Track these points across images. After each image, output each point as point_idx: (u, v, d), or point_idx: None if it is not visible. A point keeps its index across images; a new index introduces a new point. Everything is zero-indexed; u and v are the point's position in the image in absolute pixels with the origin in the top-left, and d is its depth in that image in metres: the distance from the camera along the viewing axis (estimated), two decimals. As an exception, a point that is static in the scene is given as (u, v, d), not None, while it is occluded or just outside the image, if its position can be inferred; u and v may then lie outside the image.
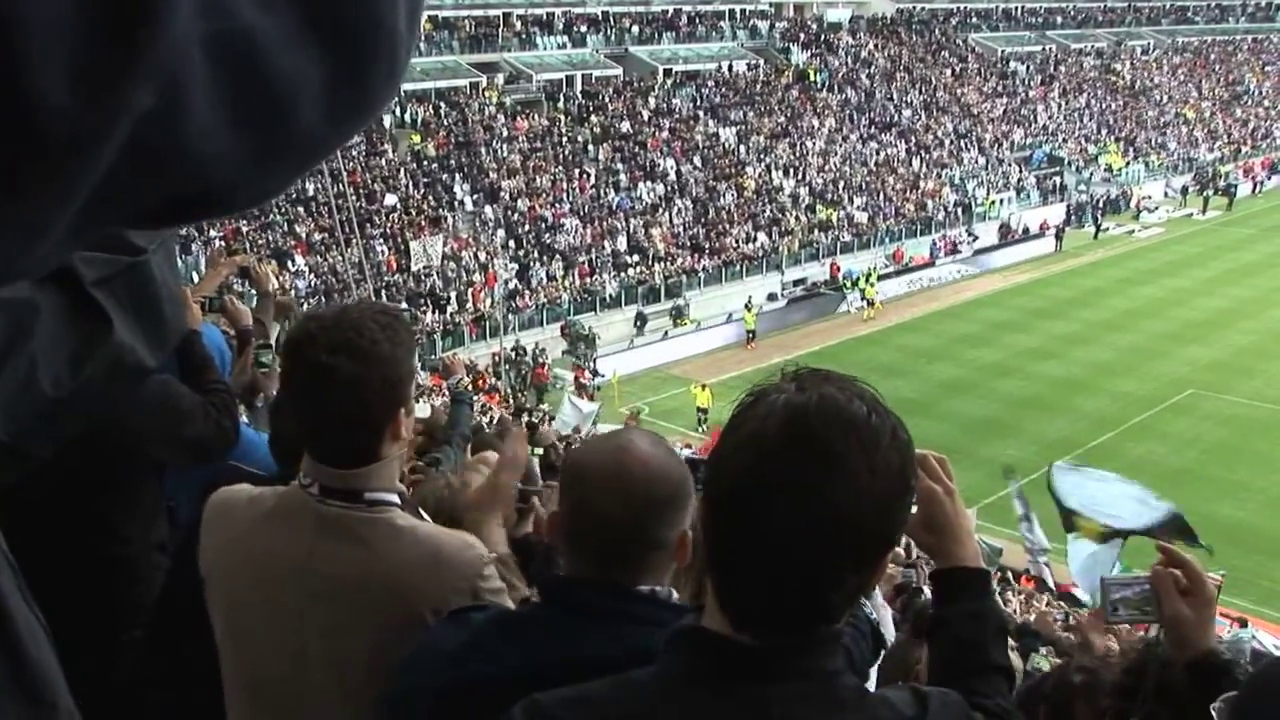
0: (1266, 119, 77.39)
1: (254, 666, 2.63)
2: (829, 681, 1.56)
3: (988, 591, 2.06)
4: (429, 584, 2.43)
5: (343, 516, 2.48)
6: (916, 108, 60.81)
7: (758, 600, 1.54)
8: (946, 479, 2.05)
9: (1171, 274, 49.12)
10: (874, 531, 1.51)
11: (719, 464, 1.55)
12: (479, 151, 43.98)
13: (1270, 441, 30.75)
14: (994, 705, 1.88)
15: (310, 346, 2.42)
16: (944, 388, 35.19)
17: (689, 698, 1.56)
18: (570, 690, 1.64)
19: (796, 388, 1.53)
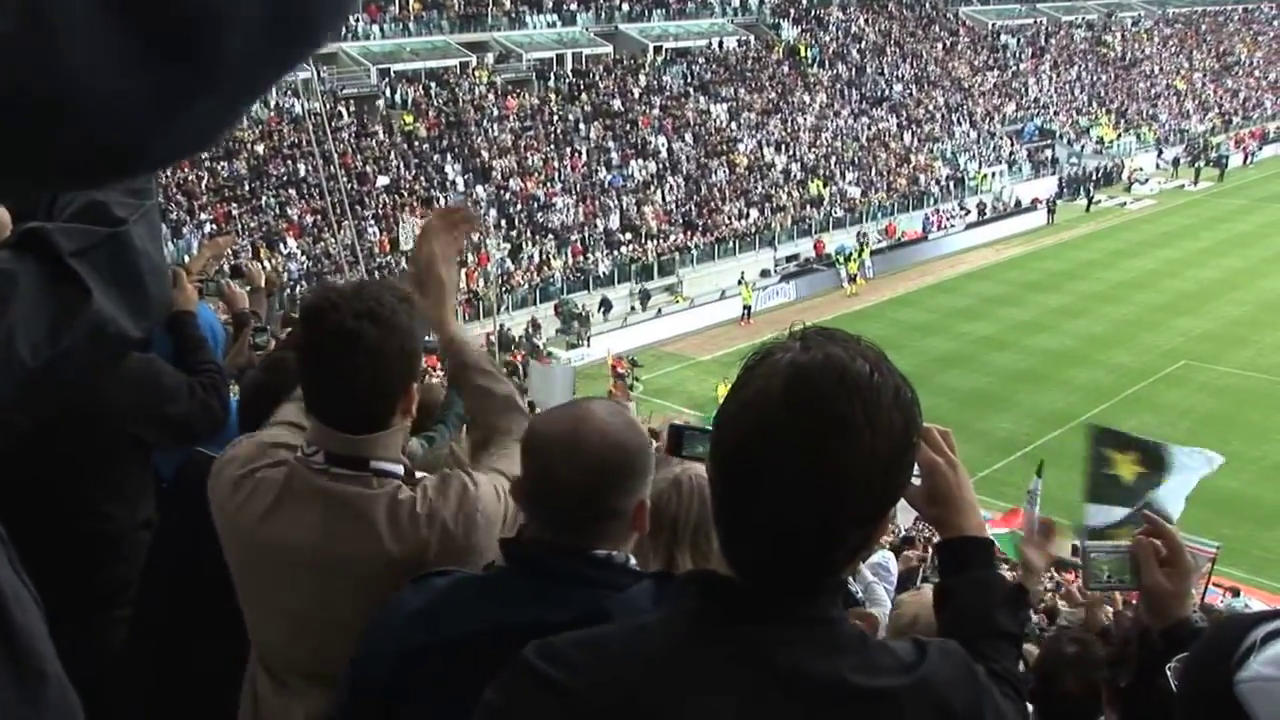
0: (1257, 89, 77.40)
1: (271, 642, 2.71)
2: (831, 627, 1.59)
3: (992, 560, 2.07)
4: (430, 555, 2.46)
5: (348, 490, 2.52)
6: (907, 82, 60.73)
7: (760, 555, 1.56)
8: (950, 451, 2.06)
9: (1163, 245, 49.23)
10: (876, 490, 1.53)
11: (724, 422, 1.57)
12: (470, 131, 43.89)
13: (1262, 411, 30.96)
14: (1001, 669, 1.89)
15: (334, 312, 2.48)
16: (938, 361, 35.23)
17: (695, 639, 1.59)
18: (581, 633, 1.67)
19: (801, 347, 1.54)
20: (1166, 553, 2.25)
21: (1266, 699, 1.48)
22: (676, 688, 1.55)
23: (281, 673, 2.68)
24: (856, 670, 1.56)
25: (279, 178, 38.27)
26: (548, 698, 1.59)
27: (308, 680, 2.61)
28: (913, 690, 1.58)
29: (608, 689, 1.58)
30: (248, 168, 37.97)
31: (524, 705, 1.62)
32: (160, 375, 3.82)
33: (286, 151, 38.91)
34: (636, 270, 42.76)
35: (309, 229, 36.72)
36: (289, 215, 37.24)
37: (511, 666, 1.65)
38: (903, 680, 1.58)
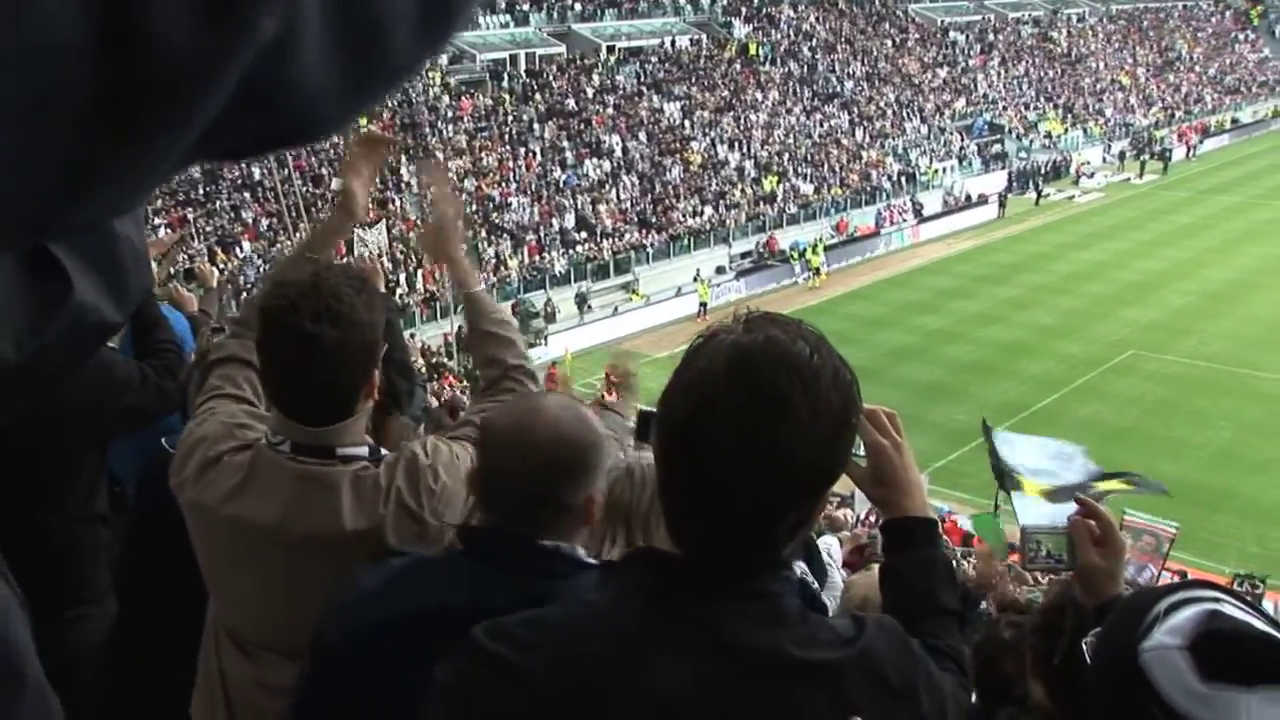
0: (1198, 84, 78.46)
1: (236, 618, 2.76)
2: (773, 601, 1.64)
3: (935, 540, 2.09)
4: (397, 533, 2.53)
5: (315, 473, 2.56)
6: (858, 79, 61.05)
7: (703, 532, 1.61)
8: (895, 433, 2.08)
9: (1111, 237, 49.79)
10: (816, 470, 1.58)
11: (669, 403, 1.61)
12: (424, 133, 43.78)
13: (1208, 398, 31.42)
14: (945, 645, 1.95)
15: (293, 315, 2.46)
16: (893, 354, 35.51)
17: (643, 615, 1.63)
18: (529, 613, 1.70)
19: (744, 329, 1.59)
20: (1100, 532, 2.31)
21: (1166, 666, 1.54)
22: (628, 662, 1.58)
23: (249, 645, 2.71)
24: (796, 643, 1.61)
25: (233, 181, 38.04)
26: (499, 677, 1.62)
27: (277, 653, 2.65)
28: (850, 663, 1.64)
29: (559, 665, 1.60)
30: (201, 171, 37.71)
31: (476, 685, 1.64)
32: (111, 367, 3.72)
33: (241, 154, 38.72)
34: (593, 269, 42.83)
35: (264, 232, 36.60)
36: (244, 218, 37.08)
37: (461, 648, 1.67)
38: (841, 653, 1.64)
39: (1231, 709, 1.47)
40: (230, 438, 2.68)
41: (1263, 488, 26.05)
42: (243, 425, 2.71)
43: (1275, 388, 32.13)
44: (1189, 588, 1.66)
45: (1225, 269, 44.35)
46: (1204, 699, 1.49)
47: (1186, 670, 1.51)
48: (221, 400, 2.84)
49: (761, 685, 1.57)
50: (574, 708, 1.58)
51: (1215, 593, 1.63)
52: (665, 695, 1.55)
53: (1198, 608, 1.57)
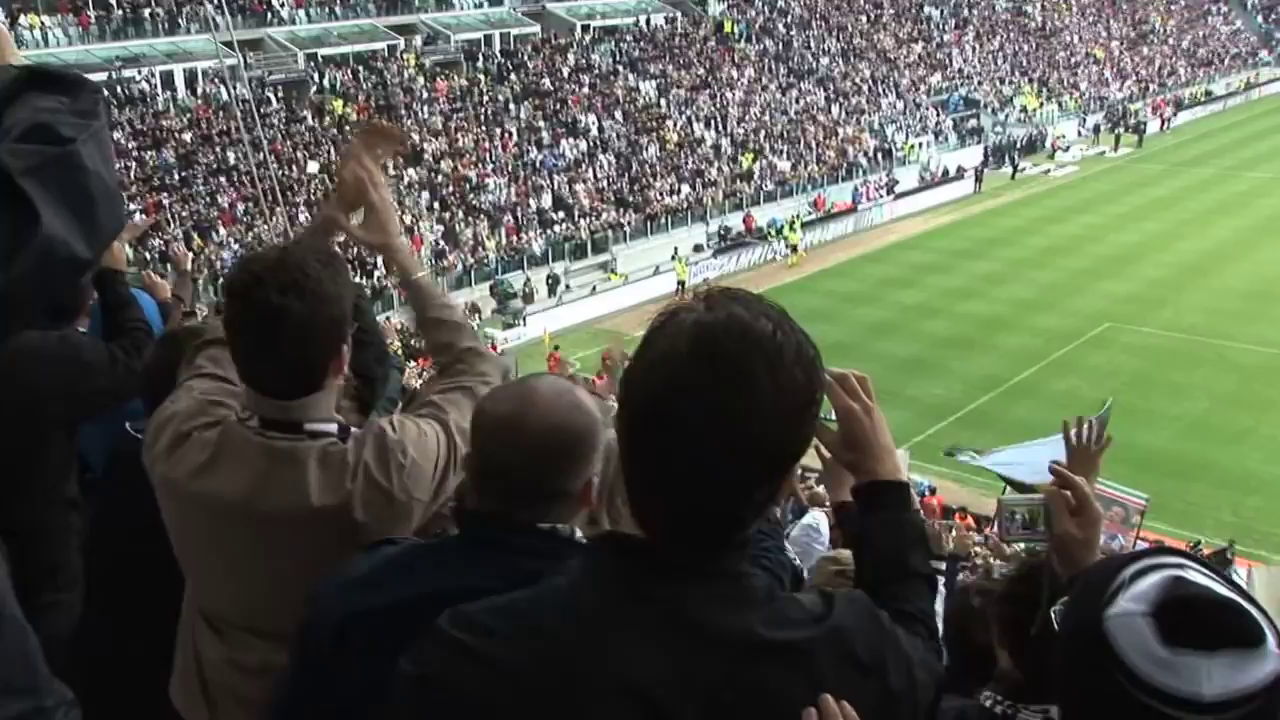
0: (1172, 57, 78.61)
1: (209, 597, 2.75)
2: (740, 581, 1.64)
3: (906, 503, 2.08)
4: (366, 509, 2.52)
5: (282, 447, 2.55)
6: (834, 55, 61.00)
7: (669, 512, 1.60)
8: (866, 397, 2.08)
9: (1086, 211, 49.95)
10: (780, 446, 1.58)
11: (632, 382, 1.59)
12: (400, 114, 43.57)
13: (1183, 370, 31.65)
14: (915, 609, 1.95)
15: (259, 288, 2.46)
16: (871, 330, 35.66)
17: (610, 599, 1.62)
18: (495, 599, 1.69)
19: (705, 307, 1.57)
20: (1075, 503, 2.31)
21: (1129, 632, 1.55)
22: (597, 646, 1.57)
23: (221, 625, 2.70)
24: (766, 623, 1.61)
25: (208, 166, 37.86)
26: (467, 664, 1.61)
27: (249, 632, 2.64)
28: (821, 641, 1.64)
29: (527, 652, 1.60)
30: (176, 156, 37.58)
31: (444, 674, 1.63)
32: (79, 351, 3.70)
33: (216, 139, 38.54)
34: (570, 249, 42.79)
35: (241, 217, 36.43)
36: (220, 204, 36.89)
37: (425, 636, 1.67)
38: (811, 632, 1.64)
39: (1193, 673, 1.49)
40: (202, 414, 2.68)
41: (1237, 457, 26.33)
42: (216, 402, 2.71)
43: (1249, 358, 32.47)
44: (1154, 554, 1.66)
45: (1200, 241, 44.59)
46: (1166, 664, 1.50)
47: (1149, 636, 1.52)
48: (201, 379, 2.84)
49: (733, 666, 1.57)
50: (542, 694, 1.57)
51: (1180, 559, 1.63)
52: (636, 679, 1.55)
53: (1162, 574, 1.58)
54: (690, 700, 1.54)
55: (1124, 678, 1.53)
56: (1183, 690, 1.49)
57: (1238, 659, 1.49)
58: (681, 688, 1.54)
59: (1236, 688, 1.48)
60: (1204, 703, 1.48)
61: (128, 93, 39.10)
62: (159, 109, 39.25)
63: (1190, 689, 1.49)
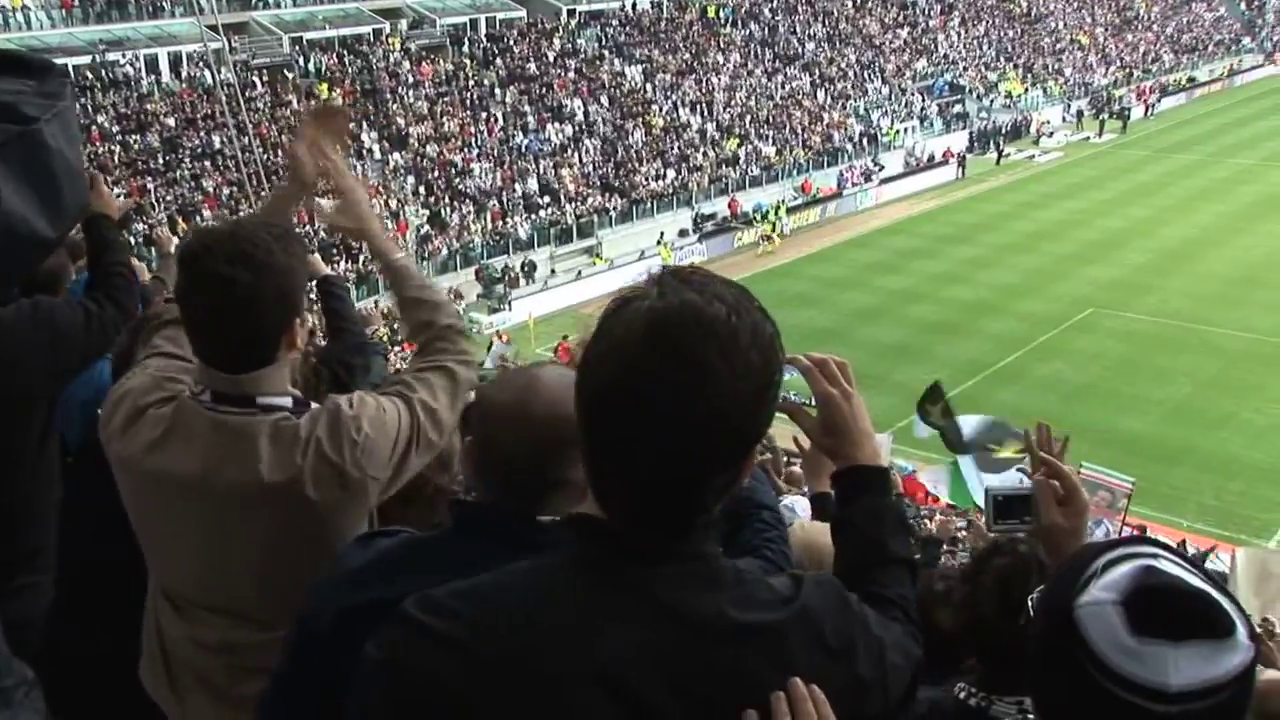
0: (1156, 43, 78.79)
1: (167, 575, 2.73)
2: (708, 563, 1.63)
3: (886, 489, 2.07)
4: (317, 485, 2.49)
5: (233, 422, 2.52)
6: (819, 40, 61.00)
7: (630, 498, 1.59)
8: (845, 383, 2.06)
9: (1071, 196, 50.14)
10: (739, 431, 1.56)
11: (587, 371, 1.58)
12: (385, 99, 43.52)
13: (1167, 355, 31.86)
14: (894, 594, 1.93)
15: (207, 257, 2.45)
16: (856, 315, 35.75)
17: (574, 583, 1.61)
18: (460, 583, 1.66)
19: (658, 294, 1.55)
20: (1063, 492, 2.29)
21: (1098, 621, 1.53)
22: (565, 629, 1.56)
23: (181, 603, 2.68)
24: (736, 605, 1.59)
25: (193, 150, 37.76)
26: (442, 651, 1.58)
27: (208, 610, 2.63)
28: (790, 623, 1.62)
29: (494, 636, 1.57)
30: (160, 140, 37.45)
31: (411, 659, 1.60)
32: (53, 316, 3.50)
33: (200, 123, 38.40)
34: (556, 234, 42.79)
35: (225, 201, 36.27)
36: (204, 188, 36.78)
37: (392, 622, 1.64)
38: (780, 614, 1.62)
39: (1160, 663, 1.48)
40: (158, 389, 2.66)
41: (1220, 442, 26.53)
42: (171, 378, 2.69)
43: (1232, 342, 32.67)
44: (1128, 544, 1.64)
45: (1184, 226, 44.80)
46: (1133, 653, 1.50)
47: (1118, 625, 1.51)
48: (158, 357, 2.83)
49: (703, 648, 1.56)
50: (510, 678, 1.55)
51: (1154, 548, 1.61)
52: (606, 662, 1.54)
53: (1134, 563, 1.57)
54: (661, 682, 1.53)
55: (1092, 666, 1.53)
56: (1150, 680, 1.49)
57: (1206, 650, 1.49)
58: (652, 669, 1.53)
59: (1204, 678, 1.48)
60: (1170, 693, 1.48)
61: (111, 76, 38.95)
62: (143, 92, 39.09)
63: (1157, 679, 1.48)
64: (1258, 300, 35.59)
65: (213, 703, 2.65)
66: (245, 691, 2.51)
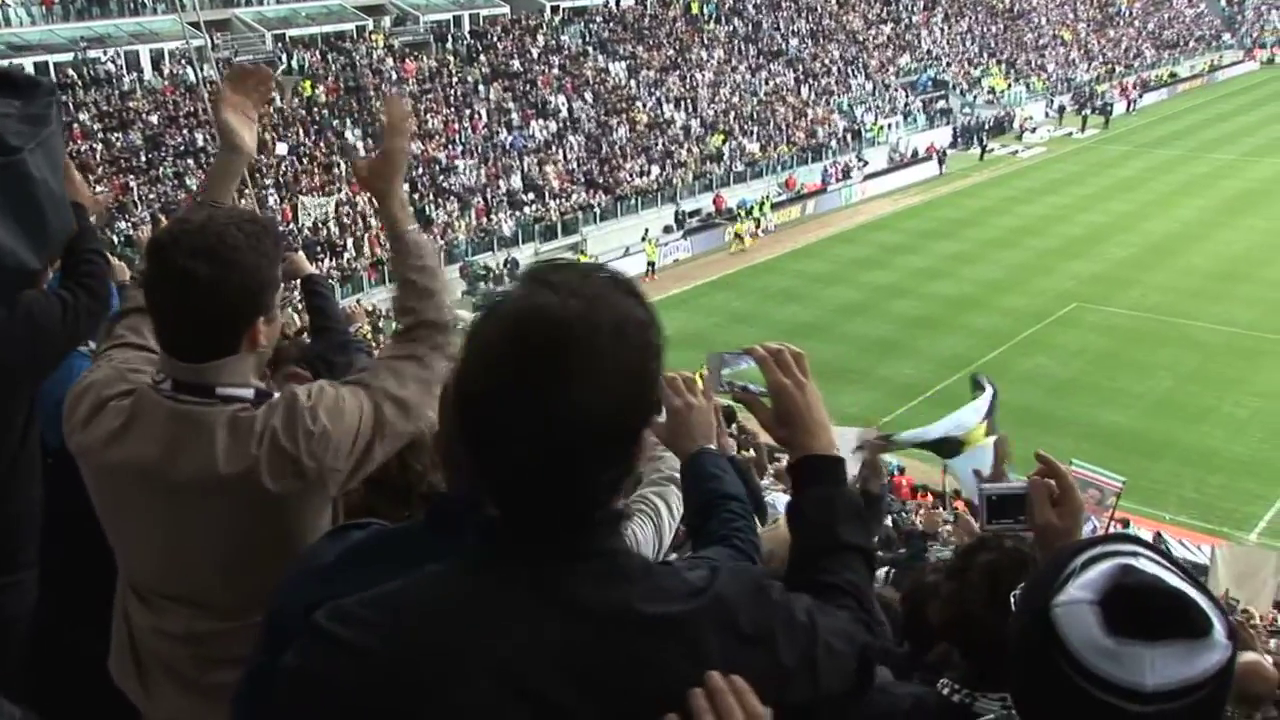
0: (1138, 39, 79.12)
1: (132, 565, 2.73)
2: (614, 559, 1.62)
3: (839, 477, 2.06)
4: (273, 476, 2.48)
5: (192, 412, 2.51)
6: (803, 36, 61.02)
7: (512, 498, 1.59)
8: (799, 373, 2.06)
9: (1054, 192, 50.31)
10: (611, 423, 1.54)
11: (457, 374, 1.60)
12: (369, 96, 43.40)
13: (1148, 349, 32.01)
14: (842, 581, 1.92)
15: (172, 249, 2.45)
16: (840, 310, 35.81)
17: (475, 584, 1.61)
18: (371, 592, 1.66)
19: (519, 293, 1.56)
20: (1059, 492, 2.28)
21: (1074, 620, 1.54)
22: (470, 632, 1.56)
23: (147, 593, 2.68)
24: (643, 598, 1.59)
25: (176, 148, 37.57)
26: (342, 659, 1.58)
27: (173, 600, 2.62)
28: (700, 613, 1.61)
29: (398, 640, 1.57)
30: (143, 138, 37.30)
31: (319, 669, 1.60)
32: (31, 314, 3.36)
33: (183, 121, 38.26)
34: (540, 230, 42.72)
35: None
36: (188, 186, 36.57)
37: (305, 632, 1.64)
38: (690, 605, 1.61)
39: (1136, 663, 1.49)
40: (121, 381, 2.65)
41: (1200, 435, 26.69)
42: (135, 370, 2.68)
43: (1212, 336, 32.83)
44: (1108, 541, 1.65)
45: (1165, 221, 45.00)
46: (1110, 653, 1.51)
47: (1094, 625, 1.52)
48: (120, 348, 2.81)
49: (610, 643, 1.56)
50: (415, 681, 1.54)
51: (1133, 546, 1.62)
52: (509, 660, 1.53)
53: (1112, 562, 1.57)
54: (566, 678, 1.53)
55: (1069, 665, 1.54)
56: (1125, 680, 1.50)
57: (1182, 650, 1.49)
58: (555, 666, 1.53)
59: (1180, 678, 1.49)
60: (1146, 692, 1.49)
61: (93, 74, 38.75)
62: (125, 90, 38.88)
63: (1133, 679, 1.49)
64: (1238, 294, 35.78)
65: (181, 693, 2.65)
66: (214, 681, 2.54)
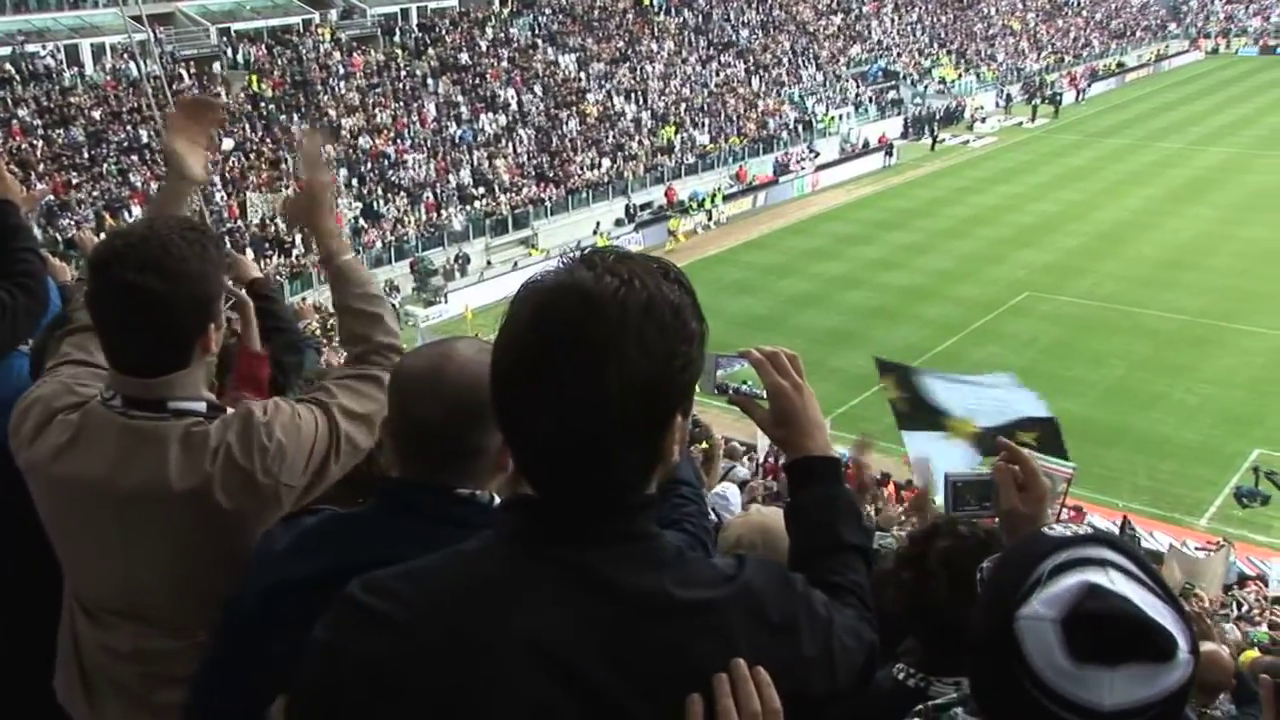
0: (1086, 29, 79.88)
1: (79, 580, 2.68)
2: (648, 542, 1.64)
3: (838, 477, 2.09)
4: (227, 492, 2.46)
5: (143, 427, 2.48)
6: (754, 27, 61.12)
7: (545, 477, 1.61)
8: (795, 375, 2.09)
9: (1005, 181, 50.60)
10: (643, 406, 1.54)
11: (494, 353, 1.61)
12: (316, 90, 42.96)
13: (1100, 337, 32.19)
14: (846, 581, 1.96)
15: (117, 264, 2.41)
16: (793, 302, 35.84)
17: (516, 561, 1.62)
18: (404, 565, 1.68)
19: (555, 274, 1.58)
20: (1023, 478, 2.31)
21: (1036, 637, 1.53)
22: (503, 609, 1.57)
23: (94, 609, 2.65)
24: (677, 583, 1.60)
25: (119, 144, 37.00)
26: (377, 631, 1.61)
27: (120, 616, 2.59)
28: (731, 600, 1.63)
29: (433, 614, 1.59)
30: (85, 134, 36.68)
31: (354, 640, 1.63)
32: None
33: (126, 116, 37.66)
34: (491, 225, 42.49)
35: (154, 196, 35.52)
36: (132, 183, 36.07)
37: (338, 603, 1.67)
38: (722, 591, 1.64)
39: (1096, 685, 1.49)
40: (68, 394, 2.62)
41: (1152, 422, 26.87)
42: (84, 384, 2.65)
43: (1163, 324, 33.06)
44: (1078, 544, 1.63)
45: (1115, 210, 45.34)
46: (1070, 675, 1.50)
47: (1056, 646, 1.51)
48: (67, 365, 2.78)
49: (643, 625, 1.57)
50: (450, 656, 1.56)
51: (1104, 552, 1.60)
52: (542, 639, 1.54)
53: (1079, 577, 1.55)
54: (601, 660, 1.54)
55: (1029, 681, 1.53)
56: (1084, 699, 1.50)
57: (1145, 672, 1.49)
58: (587, 644, 1.54)
59: (1138, 698, 1.49)
60: (1103, 712, 1.49)
61: (32, 68, 38.08)
62: (65, 85, 38.21)
63: (1091, 699, 1.49)
64: (1186, 282, 36.04)
65: (128, 712, 2.62)
66: (162, 700, 2.52)
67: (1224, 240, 40.95)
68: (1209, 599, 15.00)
